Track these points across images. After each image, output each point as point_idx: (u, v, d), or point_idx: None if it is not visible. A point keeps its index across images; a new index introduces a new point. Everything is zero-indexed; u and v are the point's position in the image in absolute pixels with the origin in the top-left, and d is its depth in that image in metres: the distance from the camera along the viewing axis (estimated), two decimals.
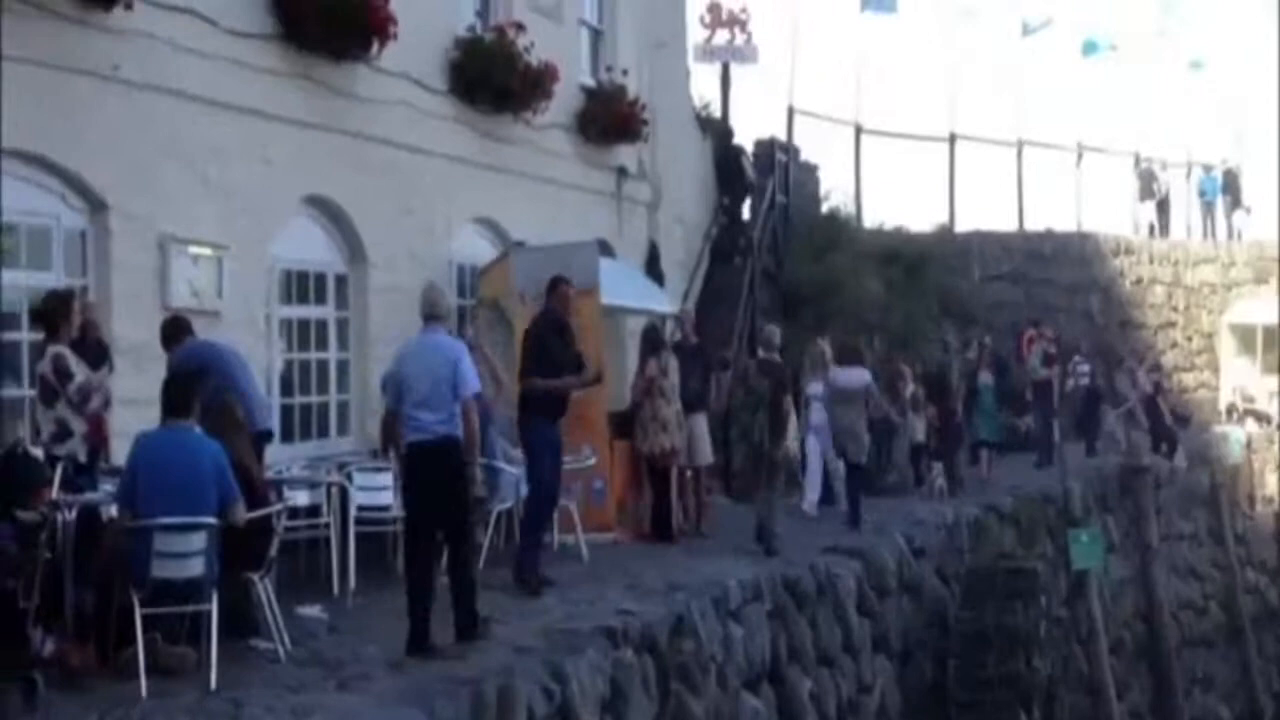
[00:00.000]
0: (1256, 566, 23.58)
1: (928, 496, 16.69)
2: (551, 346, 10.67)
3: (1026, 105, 27.83)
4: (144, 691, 7.04)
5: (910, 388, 17.21)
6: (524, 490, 11.73)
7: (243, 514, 7.74)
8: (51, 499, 7.44)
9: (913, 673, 13.27)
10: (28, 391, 9.69)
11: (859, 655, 12.26)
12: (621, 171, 18.07)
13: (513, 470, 11.58)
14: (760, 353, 13.38)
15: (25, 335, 9.85)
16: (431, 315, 8.86)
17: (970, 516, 15.61)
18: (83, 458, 8.10)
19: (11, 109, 9.53)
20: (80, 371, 8.11)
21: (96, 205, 10.54)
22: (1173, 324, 27.89)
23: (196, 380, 8.18)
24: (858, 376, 14.70)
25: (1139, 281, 27.47)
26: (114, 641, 7.40)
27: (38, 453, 8.02)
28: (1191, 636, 20.99)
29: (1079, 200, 28.43)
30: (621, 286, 15.10)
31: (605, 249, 15.58)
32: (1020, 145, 27.34)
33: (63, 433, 8.00)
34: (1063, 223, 27.46)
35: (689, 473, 13.43)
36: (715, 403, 14.11)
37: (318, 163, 12.64)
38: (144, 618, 7.26)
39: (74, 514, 7.53)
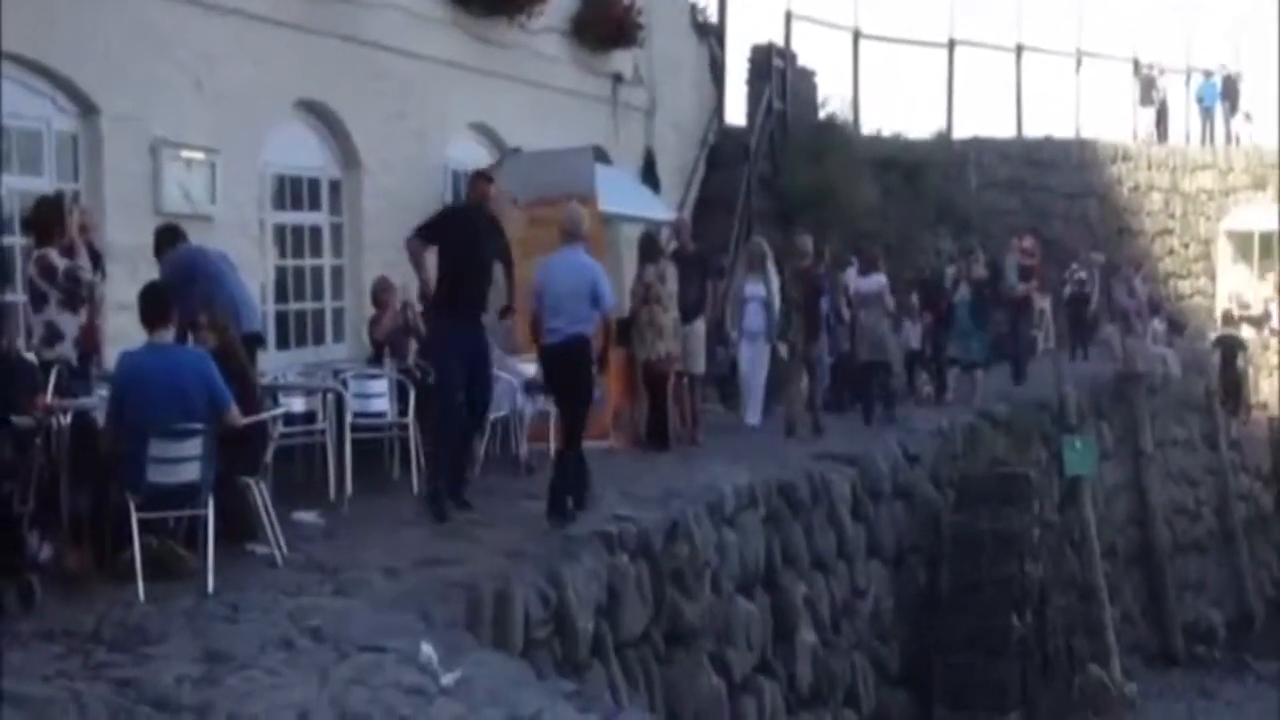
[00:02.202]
0: (1250, 472, 23.72)
1: (921, 403, 16.74)
2: (463, 230, 9.51)
3: (1025, 10, 27.53)
4: (141, 595, 7.09)
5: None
6: (520, 399, 11.77)
7: (237, 416, 7.74)
8: (46, 404, 7.42)
9: (906, 577, 13.40)
10: (21, 297, 9.68)
11: (853, 560, 12.36)
12: (617, 77, 17.89)
13: (508, 378, 11.58)
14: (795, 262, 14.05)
15: (18, 240, 9.80)
16: (574, 234, 9.63)
17: (964, 423, 15.66)
18: (74, 361, 8.07)
19: (3, 12, 9.41)
20: (60, 262, 8.06)
21: (88, 109, 10.44)
22: (1170, 231, 27.81)
23: (170, 290, 8.14)
24: (876, 282, 15.22)
25: (1136, 188, 27.35)
26: (110, 545, 7.43)
27: (31, 357, 8.00)
28: (1184, 541, 21.17)
29: (1078, 106, 28.28)
30: (618, 194, 15.00)
31: (601, 155, 15.45)
32: (1019, 51, 27.08)
33: (52, 335, 7.97)
34: (1061, 129, 27.35)
35: (685, 380, 13.44)
36: (712, 310, 14.09)
37: (310, 67, 12.50)
38: (140, 522, 7.29)
39: (69, 419, 7.52)
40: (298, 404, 10.29)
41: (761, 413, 14.20)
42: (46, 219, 8.23)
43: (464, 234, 9.48)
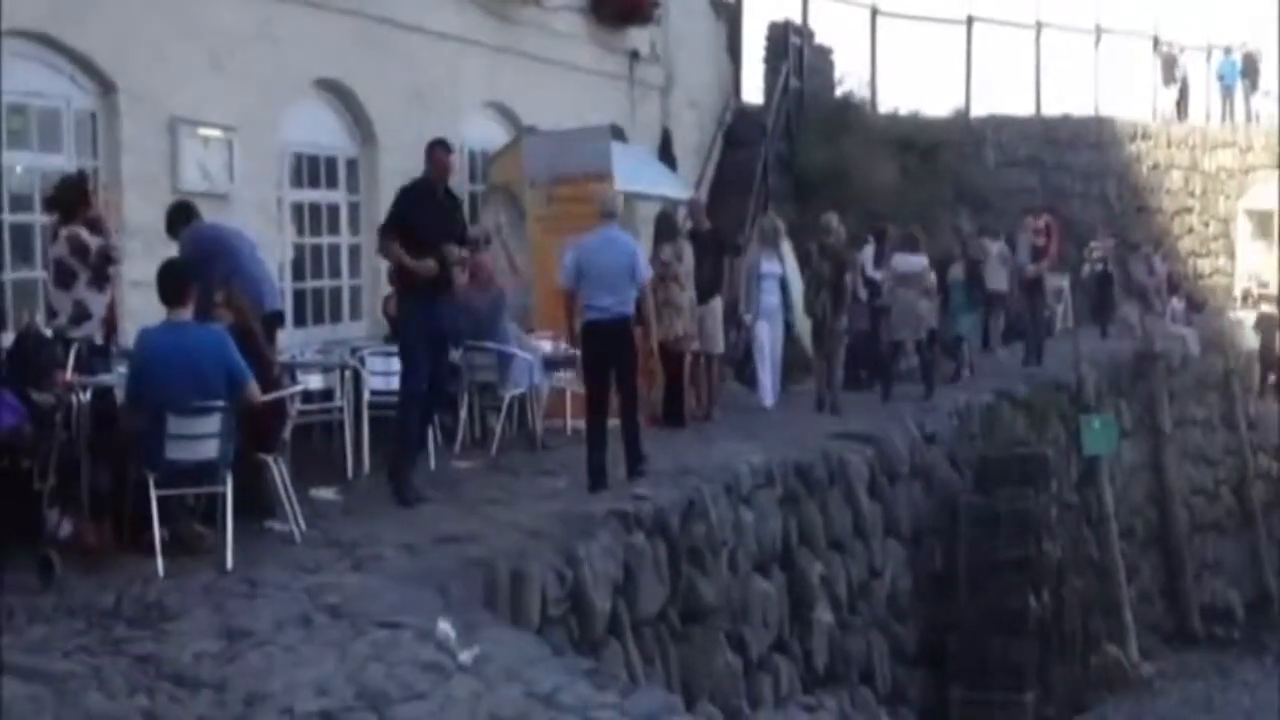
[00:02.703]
0: (1269, 452, 23.61)
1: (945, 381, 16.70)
2: (422, 211, 9.20)
3: None
4: (160, 571, 7.12)
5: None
6: (537, 377, 11.78)
7: (257, 391, 7.75)
8: (66, 381, 7.45)
9: (923, 557, 13.38)
10: (39, 274, 9.72)
11: (869, 540, 12.34)
12: (634, 55, 17.84)
13: (526, 356, 11.59)
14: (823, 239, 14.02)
15: (37, 218, 9.84)
16: (609, 213, 10.06)
17: (982, 403, 15.62)
18: (99, 340, 8.09)
19: None
20: (92, 241, 8.08)
21: (106, 86, 10.47)
22: (1189, 209, 27.65)
23: (189, 267, 8.14)
24: (917, 262, 15.20)
25: (1156, 166, 27.19)
26: (130, 522, 7.47)
27: (49, 334, 8.03)
28: (1202, 522, 21.09)
29: (1096, 84, 28.06)
30: (635, 172, 14.97)
31: (618, 134, 15.43)
32: (1038, 28, 26.91)
33: (80, 314, 7.98)
34: (1080, 107, 27.12)
35: (701, 359, 13.43)
36: (729, 290, 14.05)
37: (327, 44, 12.51)
38: (159, 499, 7.31)
39: (88, 395, 7.55)
40: (315, 381, 10.32)
41: (776, 393, 14.00)
42: (71, 197, 8.23)
43: (425, 213, 9.17)
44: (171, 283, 7.81)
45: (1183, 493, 20.23)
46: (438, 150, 9.44)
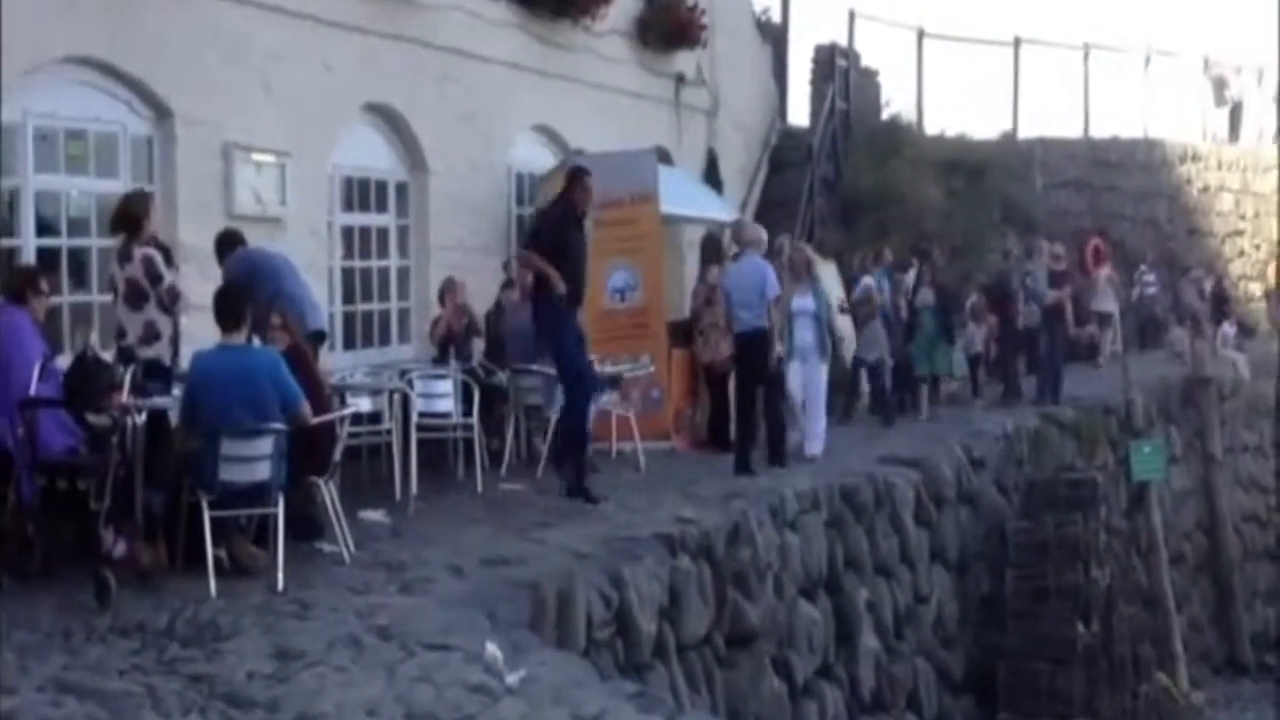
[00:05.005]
0: None
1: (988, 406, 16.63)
2: (570, 236, 10.10)
3: (1093, 8, 27.23)
4: (213, 591, 7.21)
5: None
6: None
7: (309, 413, 7.83)
8: (121, 402, 7.55)
9: (970, 583, 13.30)
10: (96, 297, 9.87)
11: (916, 565, 12.28)
12: (680, 78, 17.92)
13: None
14: None
15: (94, 242, 9.99)
16: (752, 244, 12.15)
17: (1030, 427, 15.53)
18: (168, 360, 8.18)
19: (79, 18, 9.62)
20: (169, 274, 8.19)
21: (162, 112, 10.63)
22: (1240, 232, 27.41)
23: (245, 292, 8.24)
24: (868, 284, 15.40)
25: (1206, 189, 26.97)
26: (184, 543, 7.56)
27: (112, 355, 8.14)
28: (1254, 549, 20.83)
29: (1146, 106, 27.89)
30: (680, 194, 15.03)
31: (664, 156, 15.50)
32: (1086, 49, 26.79)
33: (151, 335, 8.06)
34: (1129, 129, 26.96)
35: None
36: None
37: (378, 70, 12.64)
38: (213, 520, 7.40)
39: (143, 417, 7.65)
40: (364, 404, 10.40)
41: (823, 439, 12.71)
42: (138, 211, 8.30)
43: (568, 235, 10.09)
44: (227, 306, 7.92)
45: (1233, 519, 19.99)
46: (587, 178, 10.18)
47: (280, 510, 7.58)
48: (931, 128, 24.47)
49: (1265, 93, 29.91)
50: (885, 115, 23.94)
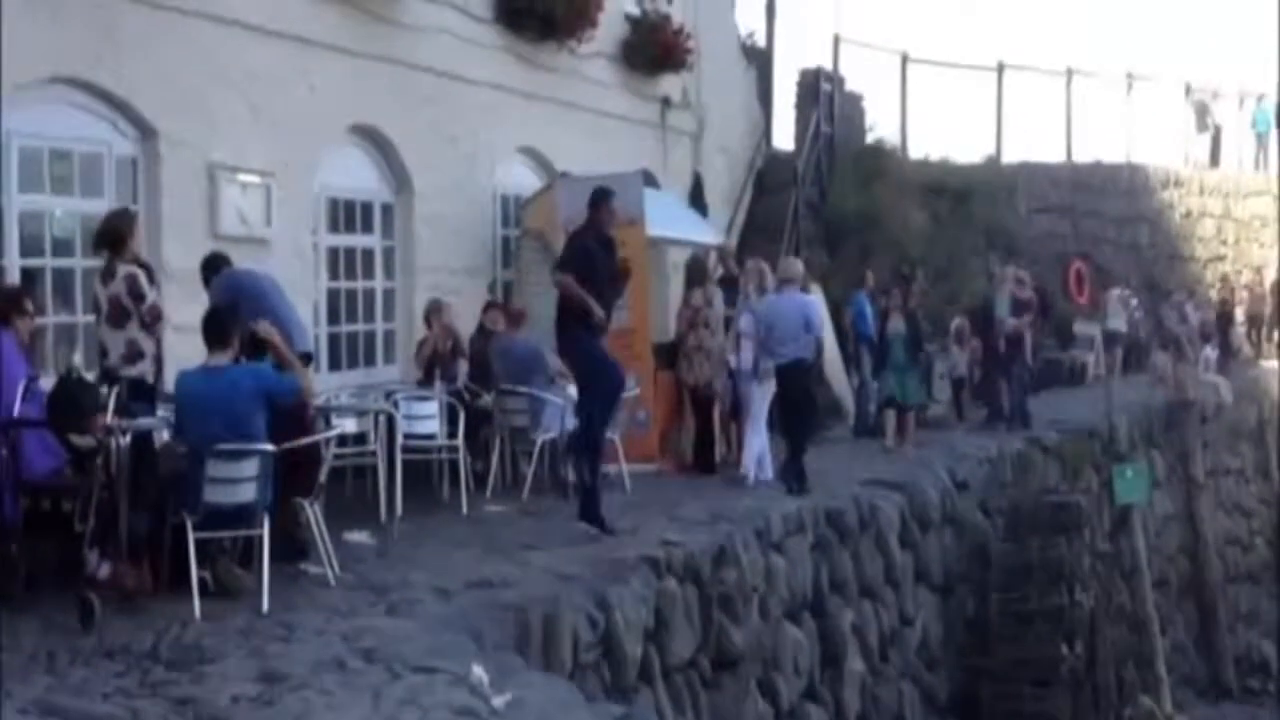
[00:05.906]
0: None
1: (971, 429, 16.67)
2: (598, 258, 10.01)
3: (1075, 33, 27.43)
4: (198, 613, 7.16)
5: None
6: (569, 422, 11.78)
7: (310, 385, 7.94)
8: (106, 424, 7.52)
9: (954, 606, 13.32)
10: (80, 318, 9.83)
11: (901, 587, 12.31)
12: (666, 101, 17.97)
13: (557, 401, 11.62)
14: None
15: (79, 262, 9.96)
16: (792, 280, 12.41)
17: (1014, 450, 15.57)
18: (152, 379, 8.15)
19: (64, 37, 9.60)
20: (150, 293, 8.16)
21: (147, 132, 10.60)
22: (1222, 257, 27.57)
23: (232, 313, 8.23)
24: None
25: (1188, 214, 27.16)
26: (169, 564, 7.52)
27: (96, 374, 8.11)
28: (1236, 572, 20.94)
29: (1128, 131, 28.08)
30: (666, 217, 15.03)
31: (649, 179, 15.51)
32: (1069, 75, 26.97)
33: (134, 353, 8.03)
34: (1112, 154, 27.14)
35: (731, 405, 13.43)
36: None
37: (363, 91, 12.64)
38: (197, 541, 7.37)
39: (128, 439, 7.62)
40: (350, 425, 10.37)
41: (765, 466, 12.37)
42: (120, 230, 8.27)
43: (597, 260, 9.99)
44: (214, 326, 7.91)
45: (1216, 543, 20.08)
46: (611, 199, 10.25)
47: (265, 532, 7.54)
48: (916, 152, 24.61)
49: (1245, 118, 30.12)
50: (870, 139, 24.04)
